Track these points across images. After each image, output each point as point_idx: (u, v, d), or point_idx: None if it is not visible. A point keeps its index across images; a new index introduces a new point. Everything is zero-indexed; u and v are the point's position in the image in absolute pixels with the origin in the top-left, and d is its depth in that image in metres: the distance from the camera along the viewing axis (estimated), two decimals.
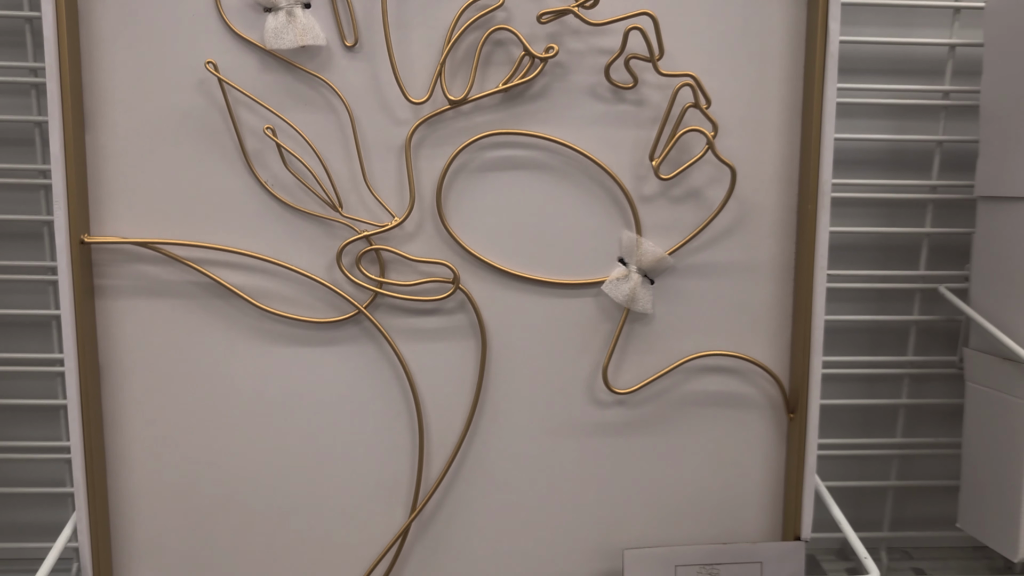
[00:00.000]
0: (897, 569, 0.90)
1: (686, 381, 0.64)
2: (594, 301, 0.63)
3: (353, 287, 0.61)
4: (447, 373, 0.63)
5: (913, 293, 0.85)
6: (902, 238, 0.85)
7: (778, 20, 0.61)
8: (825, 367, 0.86)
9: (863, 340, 0.88)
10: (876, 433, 0.89)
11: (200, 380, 0.62)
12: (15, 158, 0.79)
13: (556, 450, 0.64)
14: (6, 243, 0.80)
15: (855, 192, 0.84)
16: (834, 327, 0.87)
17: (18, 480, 0.86)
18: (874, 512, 0.91)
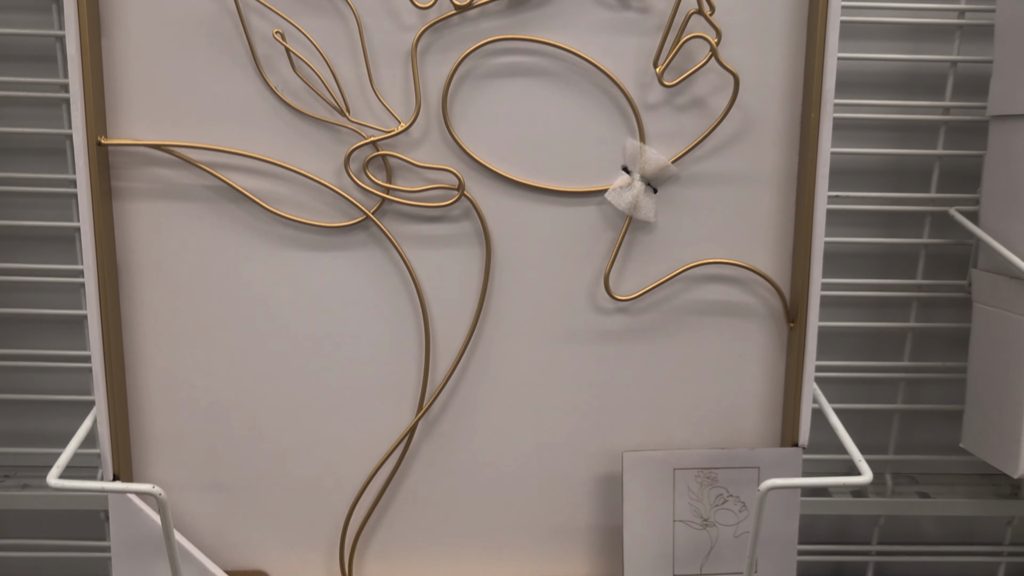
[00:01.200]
0: (902, 493, 0.91)
1: (687, 290, 0.65)
2: (597, 209, 0.64)
3: (361, 193, 0.63)
4: (453, 279, 0.64)
5: (924, 216, 0.85)
6: (914, 161, 0.85)
7: None
8: (834, 289, 0.87)
9: (873, 264, 0.88)
10: (884, 357, 0.90)
11: (214, 282, 0.64)
12: (37, 73, 0.81)
13: (558, 355, 0.66)
14: (30, 158, 0.83)
15: (867, 113, 0.84)
16: (844, 251, 0.87)
17: (44, 389, 0.89)
18: (880, 436, 0.92)
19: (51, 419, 0.91)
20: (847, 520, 0.96)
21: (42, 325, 0.86)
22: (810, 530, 0.95)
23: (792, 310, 0.65)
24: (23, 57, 0.82)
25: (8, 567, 0.96)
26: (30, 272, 0.85)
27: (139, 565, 0.65)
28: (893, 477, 0.92)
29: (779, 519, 0.67)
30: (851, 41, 0.83)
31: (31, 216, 0.84)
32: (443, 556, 0.69)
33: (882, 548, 0.93)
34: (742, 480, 0.66)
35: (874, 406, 0.90)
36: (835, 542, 0.96)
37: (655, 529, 0.66)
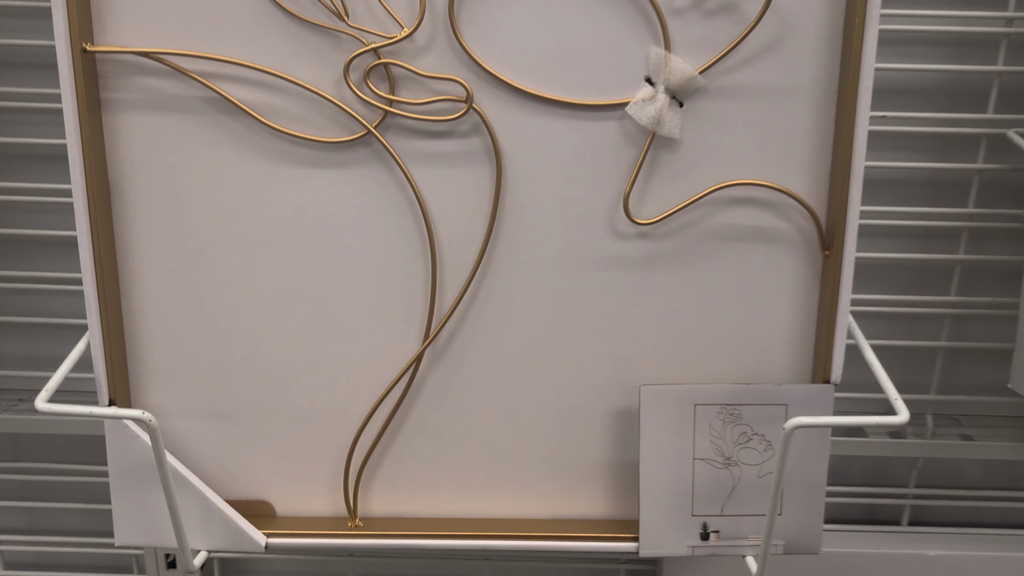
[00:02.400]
0: (943, 435, 0.86)
1: (714, 213, 0.61)
2: (617, 124, 0.59)
3: (362, 105, 0.58)
4: (461, 199, 0.60)
5: (979, 139, 0.78)
6: (970, 79, 0.78)
7: None
8: (875, 218, 0.81)
9: (920, 191, 0.82)
10: (929, 291, 0.84)
11: (210, 200, 0.61)
12: None
13: (573, 283, 0.62)
14: (21, 73, 0.80)
15: (919, 25, 0.77)
16: (888, 176, 0.81)
17: (55, 313, 0.88)
18: (922, 375, 0.87)
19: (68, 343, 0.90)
20: (883, 462, 0.91)
21: (36, 247, 0.85)
22: (843, 471, 0.91)
23: (828, 237, 0.60)
24: None
25: (26, 490, 0.96)
26: (24, 192, 0.82)
27: (137, 493, 0.63)
28: (934, 418, 0.87)
29: (807, 459, 0.63)
30: None
31: (21, 133, 0.81)
32: (451, 491, 0.66)
33: (920, 491, 0.89)
34: (768, 418, 0.62)
35: (916, 343, 0.85)
36: (870, 484, 0.91)
37: (673, 467, 0.63)
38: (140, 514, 0.64)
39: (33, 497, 0.95)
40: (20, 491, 0.96)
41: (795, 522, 0.64)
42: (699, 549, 0.64)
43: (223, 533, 0.64)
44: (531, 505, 0.67)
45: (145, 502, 0.63)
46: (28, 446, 0.94)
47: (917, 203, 0.82)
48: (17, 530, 0.97)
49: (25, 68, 0.81)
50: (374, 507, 0.67)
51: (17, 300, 0.88)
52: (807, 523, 0.64)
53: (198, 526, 0.64)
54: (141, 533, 0.65)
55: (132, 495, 0.64)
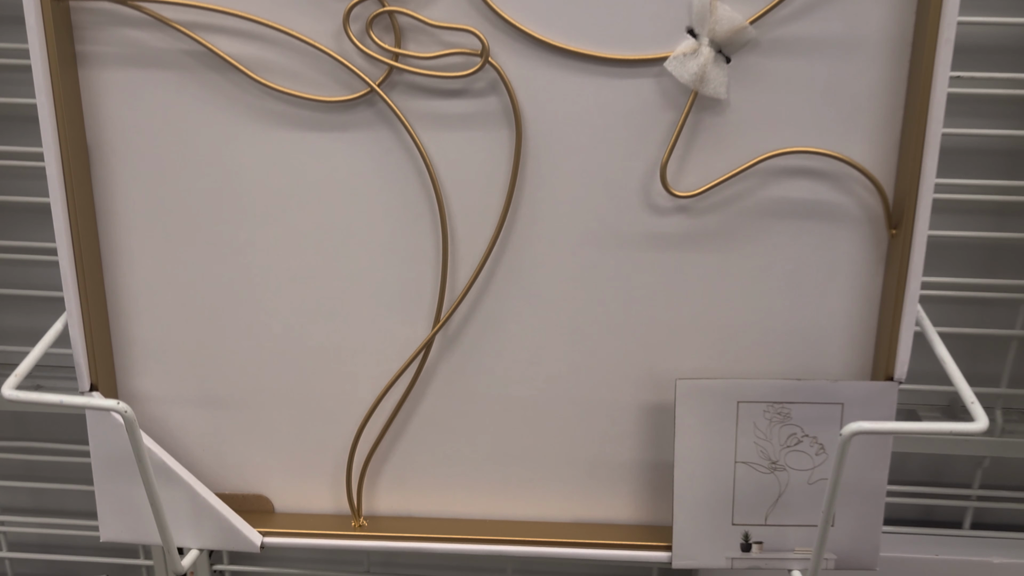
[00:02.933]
0: (1015, 432, 0.78)
1: (763, 186, 0.53)
2: (655, 83, 0.51)
3: (365, 60, 0.52)
4: (475, 167, 0.54)
5: None
6: None
7: None
8: (946, 192, 0.73)
9: (997, 162, 0.74)
10: (1003, 273, 0.76)
11: (199, 166, 0.55)
12: None
13: (602, 262, 0.55)
14: None
15: None
16: (960, 145, 0.73)
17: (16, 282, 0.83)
18: (992, 366, 0.79)
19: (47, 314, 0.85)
20: (943, 459, 0.84)
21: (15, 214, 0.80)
22: (898, 467, 0.83)
23: (895, 213, 0.52)
24: None
25: (32, 470, 0.92)
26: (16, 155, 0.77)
27: (122, 485, 0.58)
28: (1004, 413, 0.79)
29: (865, 465, 0.55)
30: None
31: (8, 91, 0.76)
32: (465, 490, 0.60)
33: (985, 493, 0.81)
34: (821, 418, 0.55)
35: (986, 331, 0.77)
36: (927, 483, 0.84)
37: (712, 471, 0.56)
38: (126, 508, 0.59)
39: (39, 477, 0.91)
40: (25, 470, 0.92)
41: (849, 534, 0.57)
42: (739, 561, 0.57)
43: (215, 531, 0.59)
44: (552, 507, 0.61)
45: (131, 496, 0.58)
46: (33, 424, 0.90)
47: (991, 175, 0.74)
48: (22, 510, 0.93)
49: None
50: (380, 505, 0.61)
51: (7, 271, 0.84)
52: (863, 536, 0.57)
53: (188, 523, 0.59)
54: (127, 528, 0.60)
55: (117, 488, 0.59)
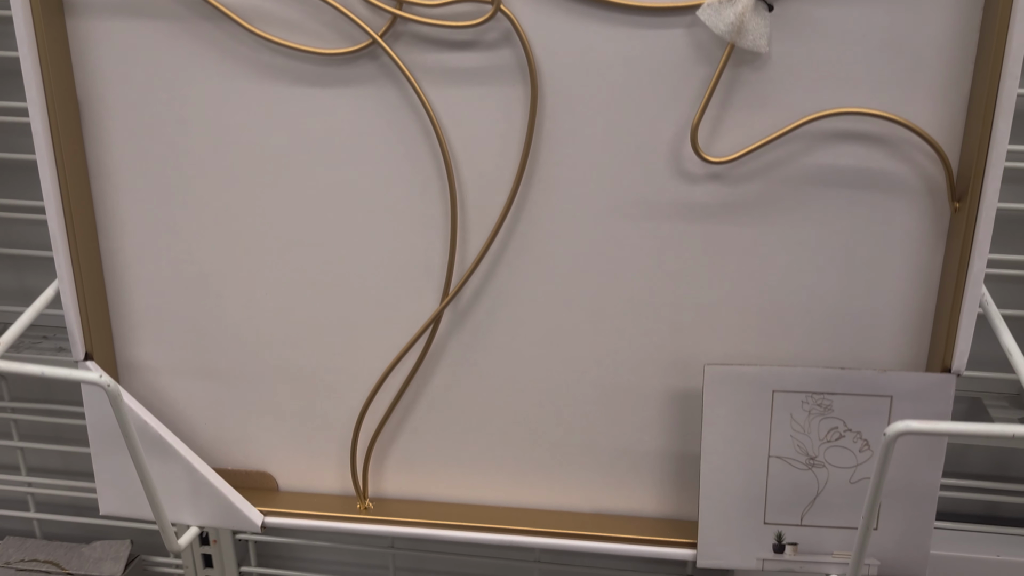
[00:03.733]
0: None
1: (809, 151, 0.47)
2: (686, 33, 0.46)
3: (367, 9, 0.47)
4: (487, 126, 0.49)
5: None
6: None
7: None
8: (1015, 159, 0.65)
9: None
10: None
11: (193, 123, 0.51)
12: None
13: (625, 234, 0.50)
14: None
15: None
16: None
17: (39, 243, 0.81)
18: None
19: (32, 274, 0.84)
20: (1009, 452, 0.77)
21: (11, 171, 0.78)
22: (958, 460, 0.77)
23: (959, 185, 0.46)
24: None
25: (22, 429, 0.91)
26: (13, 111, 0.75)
27: (120, 459, 0.56)
28: None
29: (915, 466, 0.50)
30: None
31: None
32: (476, 474, 0.57)
33: None
34: (866, 412, 0.49)
35: None
36: (991, 477, 0.77)
37: (743, 465, 0.51)
38: (124, 482, 0.57)
39: (65, 440, 0.90)
40: (52, 432, 0.91)
41: (895, 539, 0.51)
42: (771, 563, 0.52)
43: (214, 509, 0.56)
44: (569, 496, 0.56)
45: (129, 469, 0.56)
46: (59, 386, 0.89)
47: None
48: (52, 471, 0.93)
49: None
50: (387, 487, 0.58)
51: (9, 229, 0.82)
52: (911, 541, 0.51)
53: (186, 500, 0.56)
54: (125, 503, 0.57)
55: (114, 461, 0.56)
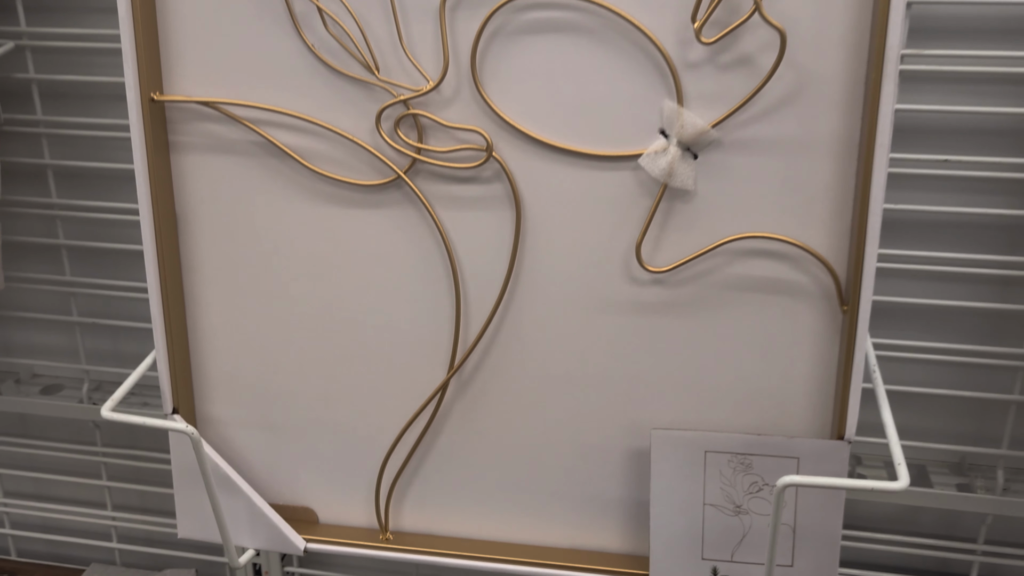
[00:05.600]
0: (1017, 492, 0.82)
1: (730, 264, 0.61)
2: (632, 175, 0.60)
3: (394, 152, 0.63)
4: (484, 240, 0.63)
5: None
6: None
7: None
8: (950, 265, 0.78)
9: (1000, 236, 0.78)
10: (1008, 341, 0.80)
11: (261, 233, 0.67)
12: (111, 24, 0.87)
13: (590, 325, 0.64)
14: (114, 103, 0.89)
15: (994, 66, 0.73)
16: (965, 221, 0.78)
17: (132, 315, 0.98)
18: (998, 427, 0.83)
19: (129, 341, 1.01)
20: (954, 514, 0.87)
21: (120, 257, 0.95)
22: (911, 519, 0.88)
23: (846, 292, 0.59)
24: (104, 9, 0.88)
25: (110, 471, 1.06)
26: (116, 211, 0.92)
27: (197, 492, 0.70)
28: (1009, 473, 0.82)
29: (821, 514, 0.62)
30: None
31: (117, 159, 0.91)
32: (476, 513, 0.70)
33: (989, 549, 0.85)
34: (779, 470, 0.62)
35: (987, 395, 0.81)
36: (942, 536, 0.88)
37: (684, 510, 0.64)
38: (199, 511, 0.71)
39: (145, 480, 1.06)
40: (133, 474, 1.07)
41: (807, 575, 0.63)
42: None
43: (267, 535, 0.71)
44: (551, 534, 0.69)
45: (203, 501, 0.70)
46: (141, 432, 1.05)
47: (998, 250, 0.78)
48: (131, 508, 1.08)
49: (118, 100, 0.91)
50: (405, 522, 0.72)
51: (102, 304, 0.99)
52: None
53: (245, 527, 0.71)
54: (199, 528, 0.72)
55: (192, 494, 0.71)
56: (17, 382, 1.03)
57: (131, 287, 0.96)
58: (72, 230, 0.96)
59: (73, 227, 0.96)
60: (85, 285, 0.97)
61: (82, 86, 0.91)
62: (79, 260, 0.98)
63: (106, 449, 1.04)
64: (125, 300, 0.98)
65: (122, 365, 1.01)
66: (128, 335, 1.01)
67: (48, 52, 0.90)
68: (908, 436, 0.85)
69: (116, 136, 0.91)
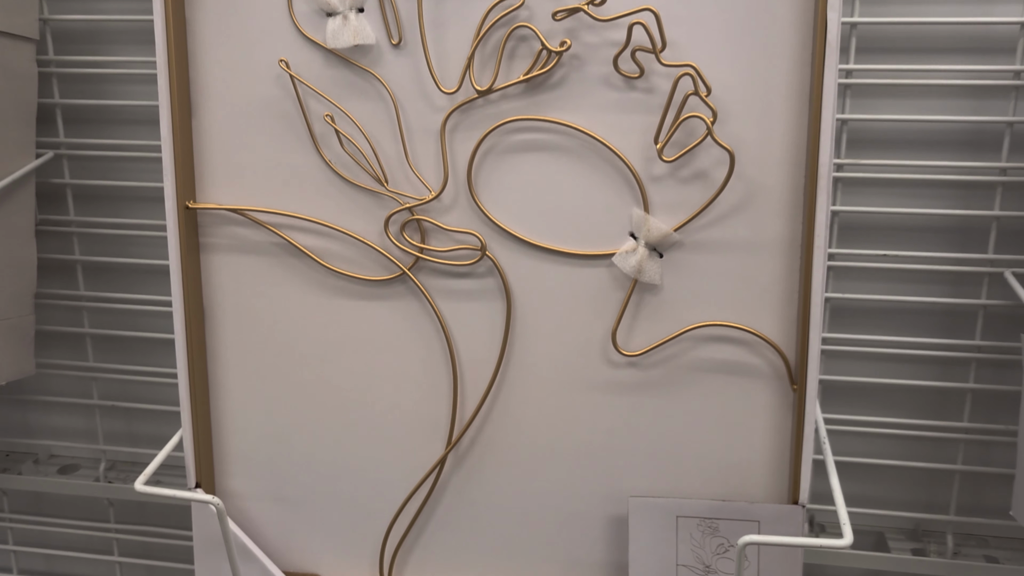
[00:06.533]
0: (967, 555, 0.89)
1: (694, 348, 0.70)
2: (607, 271, 0.69)
3: (399, 251, 0.71)
4: (478, 329, 0.72)
5: (982, 277, 0.83)
6: (971, 220, 0.84)
7: (784, 11, 0.64)
8: (893, 347, 0.87)
9: (936, 321, 0.87)
10: (949, 416, 0.89)
11: (280, 324, 0.75)
12: (147, 135, 0.97)
13: (573, 403, 0.72)
14: (138, 205, 0.99)
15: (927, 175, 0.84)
16: (906, 308, 0.87)
17: (148, 398, 1.05)
18: (946, 495, 0.90)
19: (167, 424, 1.08)
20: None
21: (148, 344, 1.03)
22: None
23: (795, 373, 0.68)
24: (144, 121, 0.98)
25: (121, 547, 1.12)
26: (139, 302, 1.01)
27: (216, 560, 0.77)
28: (960, 538, 0.90)
29: (781, 571, 0.69)
30: (910, 100, 0.84)
31: (151, 255, 1.00)
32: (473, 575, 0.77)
33: None
34: (743, 532, 0.69)
35: (934, 465, 0.89)
36: None
37: (659, 571, 0.71)
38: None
39: (155, 556, 1.11)
40: (143, 550, 1.12)
41: None
42: None
43: None
44: None
45: (223, 569, 0.77)
46: (152, 510, 1.11)
47: (935, 333, 0.87)
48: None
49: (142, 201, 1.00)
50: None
51: (118, 388, 1.07)
52: None
53: None
54: None
55: (212, 562, 0.77)
56: (36, 462, 1.09)
57: (148, 372, 1.04)
58: (96, 319, 1.04)
59: (98, 317, 1.04)
60: (106, 370, 1.04)
61: (111, 189, 1.00)
62: (101, 347, 1.05)
63: (118, 526, 1.10)
64: (141, 384, 1.06)
65: (136, 445, 1.08)
66: (143, 417, 1.08)
67: (82, 159, 1.00)
68: (867, 504, 0.92)
69: (140, 235, 1.00)
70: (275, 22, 0.70)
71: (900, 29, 0.84)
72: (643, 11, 0.63)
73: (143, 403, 1.06)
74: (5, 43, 0.88)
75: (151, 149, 0.98)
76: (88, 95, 0.98)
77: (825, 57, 0.62)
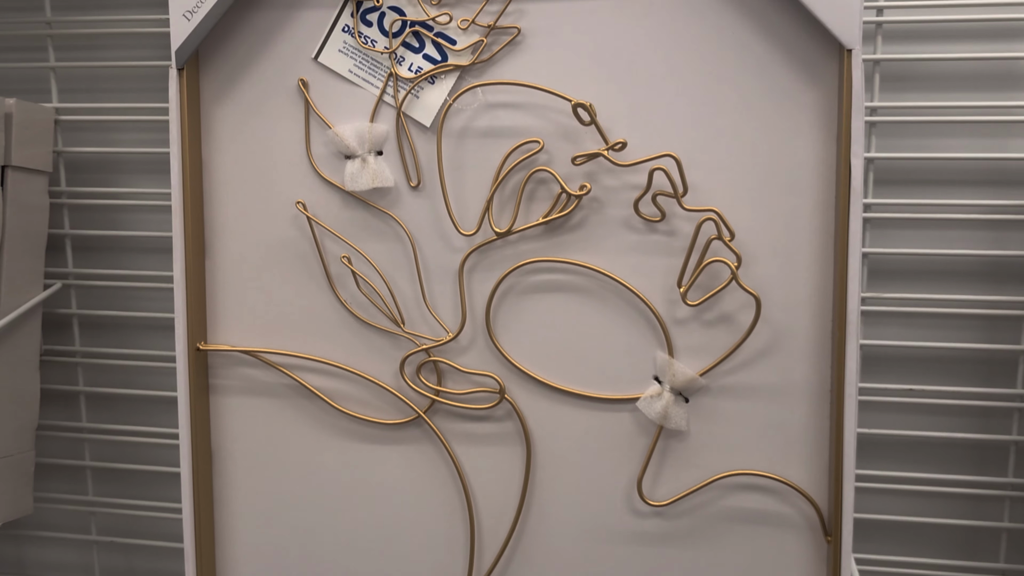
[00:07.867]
0: None
1: (723, 497, 0.67)
2: (631, 416, 0.67)
3: (415, 394, 0.69)
4: (497, 475, 0.69)
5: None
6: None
7: (806, 154, 0.63)
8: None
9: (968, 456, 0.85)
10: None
11: (290, 468, 0.72)
12: (158, 265, 0.97)
13: (597, 554, 0.68)
14: (146, 334, 0.97)
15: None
16: (937, 443, 0.84)
17: (149, 533, 1.01)
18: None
19: (169, 559, 1.03)
20: None
21: (156, 477, 1.00)
22: None
23: (829, 525, 0.65)
24: (155, 250, 0.98)
25: None
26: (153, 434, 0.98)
27: None
28: None
29: None
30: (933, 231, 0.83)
31: (157, 385, 0.98)
32: None
33: None
34: None
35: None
36: None
37: None
38: None
39: None
40: None
41: None
42: None
43: None
44: None
45: None
46: None
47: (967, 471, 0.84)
48: None
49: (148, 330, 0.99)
50: None
51: (116, 522, 1.03)
52: None
53: None
54: None
55: None
56: None
57: (149, 506, 1.00)
58: (98, 451, 1.01)
59: (99, 448, 1.01)
60: (106, 504, 1.01)
61: (117, 318, 0.98)
62: (101, 479, 1.02)
63: None
64: (143, 518, 1.02)
65: None
66: (142, 552, 1.04)
67: (90, 289, 0.99)
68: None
69: (146, 365, 0.98)
70: (293, 164, 0.69)
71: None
72: (663, 157, 0.63)
73: (143, 538, 1.02)
74: (19, 177, 0.87)
75: (161, 280, 0.97)
76: (99, 224, 0.98)
77: (850, 203, 0.61)
